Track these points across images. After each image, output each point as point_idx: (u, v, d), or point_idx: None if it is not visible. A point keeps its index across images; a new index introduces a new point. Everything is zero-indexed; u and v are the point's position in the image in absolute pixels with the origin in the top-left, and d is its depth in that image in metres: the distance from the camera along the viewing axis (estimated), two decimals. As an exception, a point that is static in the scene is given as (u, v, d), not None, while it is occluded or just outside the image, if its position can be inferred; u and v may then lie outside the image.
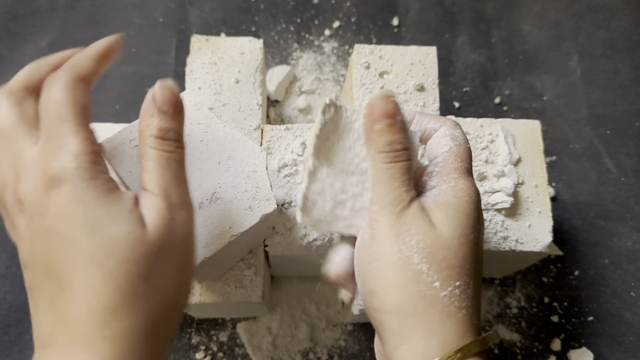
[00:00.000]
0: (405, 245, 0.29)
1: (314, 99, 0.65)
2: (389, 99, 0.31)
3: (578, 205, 0.60)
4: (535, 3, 0.71)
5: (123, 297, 0.26)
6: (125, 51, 0.65)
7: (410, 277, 0.29)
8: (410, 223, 0.30)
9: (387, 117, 0.31)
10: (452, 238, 0.30)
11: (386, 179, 0.31)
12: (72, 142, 0.27)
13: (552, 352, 0.54)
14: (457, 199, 0.31)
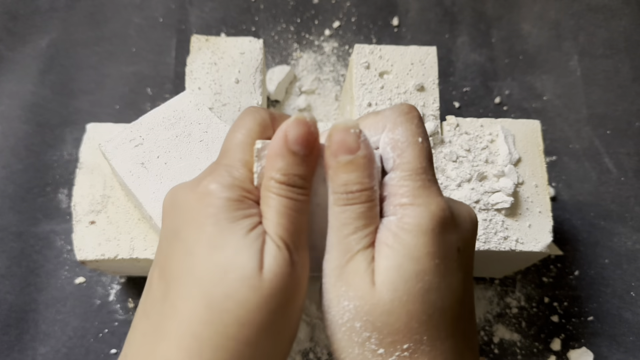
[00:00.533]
0: (345, 311, 0.26)
1: (314, 99, 0.65)
2: (349, 129, 0.27)
3: (578, 205, 0.60)
4: (535, 3, 0.71)
5: (215, 333, 0.24)
6: (125, 51, 0.65)
7: (357, 343, 0.27)
8: (349, 283, 0.27)
9: (345, 151, 0.27)
10: (393, 300, 0.26)
11: (337, 224, 0.27)
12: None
13: (552, 352, 0.54)
14: (400, 239, 0.26)
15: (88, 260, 0.43)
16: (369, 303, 0.26)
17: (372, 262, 0.27)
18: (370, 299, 0.26)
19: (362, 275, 0.26)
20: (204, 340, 0.24)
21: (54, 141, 0.60)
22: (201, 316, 0.25)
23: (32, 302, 0.53)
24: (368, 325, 0.26)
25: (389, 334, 0.26)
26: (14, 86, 0.62)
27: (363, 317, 0.26)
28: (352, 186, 0.27)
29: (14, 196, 0.57)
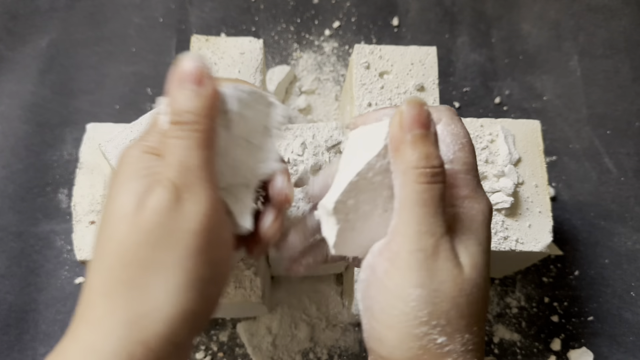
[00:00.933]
0: (428, 295, 0.26)
1: (314, 99, 0.65)
2: (422, 105, 0.26)
3: (578, 205, 0.60)
4: (535, 3, 0.71)
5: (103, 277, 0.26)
6: (125, 51, 0.65)
7: (426, 331, 0.26)
8: (438, 267, 0.26)
9: (420, 126, 0.26)
10: (477, 282, 0.27)
11: (418, 204, 0.26)
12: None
13: (552, 352, 0.54)
14: (474, 227, 0.27)
15: (88, 260, 0.43)
16: (459, 285, 0.26)
17: (454, 248, 0.27)
18: (460, 281, 0.26)
19: (452, 259, 0.26)
20: (93, 284, 0.26)
21: (54, 141, 0.60)
22: (92, 263, 0.26)
23: (32, 302, 0.53)
24: (438, 312, 0.26)
25: (458, 319, 0.26)
26: (14, 86, 0.62)
27: (438, 302, 0.26)
28: (434, 160, 0.26)
29: (14, 196, 0.57)
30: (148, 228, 0.25)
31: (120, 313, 0.25)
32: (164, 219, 0.26)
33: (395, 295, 0.26)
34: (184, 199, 0.26)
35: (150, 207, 0.26)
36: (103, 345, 0.25)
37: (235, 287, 0.43)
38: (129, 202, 0.26)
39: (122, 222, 0.26)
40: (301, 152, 0.45)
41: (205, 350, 0.53)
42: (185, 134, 0.27)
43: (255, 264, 0.43)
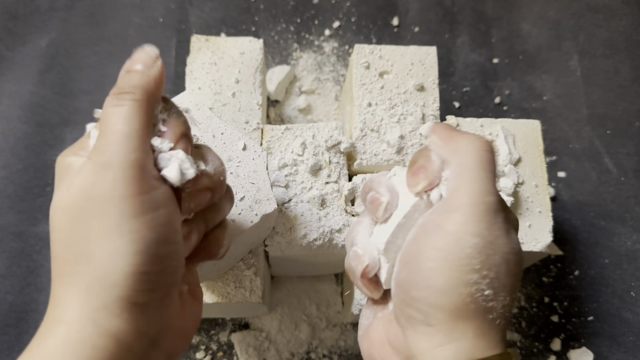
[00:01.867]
0: (484, 244, 0.28)
1: (314, 99, 0.65)
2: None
3: (578, 205, 0.60)
4: (535, 3, 0.71)
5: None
6: (125, 51, 0.65)
7: (476, 279, 0.28)
8: (495, 222, 0.29)
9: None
10: (520, 250, 0.30)
11: (482, 167, 0.29)
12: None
13: (552, 352, 0.54)
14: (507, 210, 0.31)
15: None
16: (508, 244, 0.29)
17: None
18: (510, 241, 0.29)
19: (505, 220, 0.29)
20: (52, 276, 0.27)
21: (54, 141, 0.60)
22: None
23: (32, 302, 0.53)
24: (490, 263, 0.28)
25: (505, 276, 0.28)
26: (14, 86, 0.62)
27: (492, 254, 0.28)
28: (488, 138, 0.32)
29: (14, 196, 0.57)
30: (76, 206, 0.26)
31: (74, 286, 0.26)
32: (91, 192, 0.26)
33: (453, 241, 0.28)
34: (112, 165, 0.26)
35: (75, 187, 0.26)
36: (66, 316, 0.26)
37: (235, 287, 0.43)
38: (58, 193, 0.27)
39: (55, 211, 0.27)
40: (301, 152, 0.45)
41: (205, 350, 0.53)
42: (121, 102, 0.28)
43: (255, 264, 0.43)
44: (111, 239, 0.26)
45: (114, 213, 0.26)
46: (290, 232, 0.44)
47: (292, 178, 0.45)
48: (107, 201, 0.26)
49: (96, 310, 0.25)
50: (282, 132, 0.47)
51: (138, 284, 0.26)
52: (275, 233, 0.44)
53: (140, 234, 0.26)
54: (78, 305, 0.26)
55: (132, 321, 0.26)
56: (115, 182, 0.26)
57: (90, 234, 0.26)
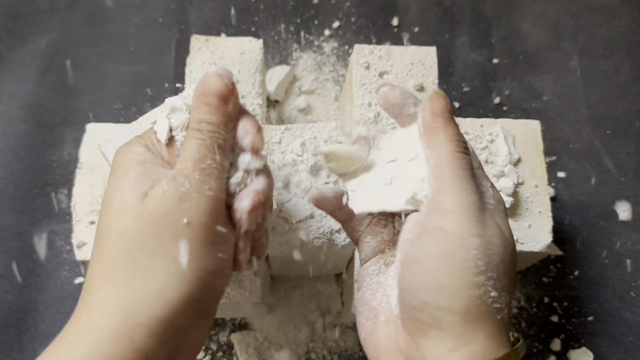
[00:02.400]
0: (485, 245, 0.28)
1: (314, 99, 0.65)
2: (445, 97, 0.32)
3: (578, 205, 0.60)
4: (535, 3, 0.71)
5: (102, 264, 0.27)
6: (125, 51, 0.65)
7: (483, 281, 0.28)
8: (489, 222, 0.29)
9: (448, 112, 0.31)
10: (514, 248, 0.30)
11: (459, 168, 0.29)
12: None
13: (552, 352, 0.54)
14: (502, 205, 0.31)
15: (88, 260, 0.43)
16: (505, 241, 0.29)
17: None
18: (503, 238, 0.29)
19: (494, 217, 0.30)
20: (94, 272, 0.27)
21: (53, 141, 0.60)
22: (93, 254, 0.28)
23: (32, 302, 0.53)
24: (491, 264, 0.28)
25: (504, 277, 0.29)
26: (14, 86, 0.62)
27: (498, 254, 0.28)
28: (462, 136, 0.31)
29: (14, 196, 0.57)
30: (151, 217, 0.27)
31: (121, 296, 0.26)
32: (170, 209, 0.27)
33: (457, 244, 0.28)
34: (191, 192, 0.28)
35: (155, 197, 0.27)
36: (102, 326, 0.26)
37: (235, 287, 0.43)
38: (130, 194, 0.27)
39: (123, 213, 0.27)
40: (301, 152, 0.45)
41: (205, 350, 0.53)
42: (204, 135, 0.29)
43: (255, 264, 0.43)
44: (176, 260, 0.27)
45: (188, 237, 0.27)
46: (290, 232, 0.44)
47: (292, 178, 0.45)
48: (184, 224, 0.27)
49: (137, 326, 0.26)
50: (282, 132, 0.47)
51: (187, 309, 0.27)
52: (275, 233, 0.44)
53: (204, 262, 0.27)
54: (119, 316, 0.26)
55: (166, 342, 0.26)
56: (197, 209, 0.27)
57: (157, 249, 0.27)
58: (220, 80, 0.31)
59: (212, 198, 0.28)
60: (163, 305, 0.26)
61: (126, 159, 0.29)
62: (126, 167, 0.29)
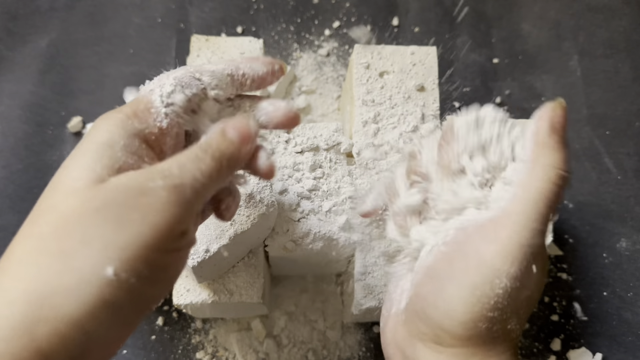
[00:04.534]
0: (514, 288, 0.27)
1: (314, 99, 0.65)
2: (564, 110, 0.29)
3: (578, 205, 0.60)
4: (535, 3, 0.71)
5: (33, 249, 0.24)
6: (125, 51, 0.65)
7: (497, 317, 0.27)
8: (531, 267, 0.27)
9: (564, 132, 0.28)
10: (544, 283, 0.29)
11: (544, 202, 0.27)
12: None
13: (552, 352, 0.54)
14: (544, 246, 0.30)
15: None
16: (537, 288, 0.28)
17: None
18: (538, 284, 0.28)
19: (542, 261, 0.28)
20: (14, 250, 0.24)
21: (54, 141, 0.60)
22: (22, 230, 0.25)
23: (32, 302, 0.53)
24: (513, 306, 0.27)
25: (523, 317, 0.29)
26: (14, 86, 0.62)
27: (519, 299, 0.28)
28: (566, 166, 0.28)
29: (14, 196, 0.57)
30: (101, 204, 0.24)
31: (33, 283, 0.23)
32: (126, 199, 0.24)
33: (487, 278, 0.27)
34: (158, 191, 0.25)
35: (114, 184, 0.25)
36: (1, 316, 0.22)
37: (235, 287, 0.43)
38: (86, 175, 0.25)
39: (72, 195, 0.24)
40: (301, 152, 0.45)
41: (205, 350, 0.53)
42: (206, 160, 0.27)
43: (255, 264, 0.43)
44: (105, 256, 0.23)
45: (133, 233, 0.24)
46: (290, 232, 0.44)
47: (292, 178, 0.45)
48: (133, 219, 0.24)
49: (41, 322, 0.22)
50: (282, 132, 0.47)
51: (103, 315, 0.23)
52: (275, 233, 0.44)
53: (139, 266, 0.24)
54: (24, 307, 0.22)
55: (70, 344, 0.22)
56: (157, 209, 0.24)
57: (94, 239, 0.23)
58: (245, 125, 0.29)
59: (182, 204, 0.25)
60: (76, 304, 0.22)
61: (95, 135, 0.26)
62: (90, 144, 0.26)
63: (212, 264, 0.39)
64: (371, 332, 0.54)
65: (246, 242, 0.41)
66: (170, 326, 0.54)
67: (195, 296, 0.42)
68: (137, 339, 0.53)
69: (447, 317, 0.28)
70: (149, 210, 0.24)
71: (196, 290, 0.43)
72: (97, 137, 0.26)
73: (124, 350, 0.52)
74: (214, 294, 0.42)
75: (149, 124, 0.28)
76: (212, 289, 0.43)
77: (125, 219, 0.24)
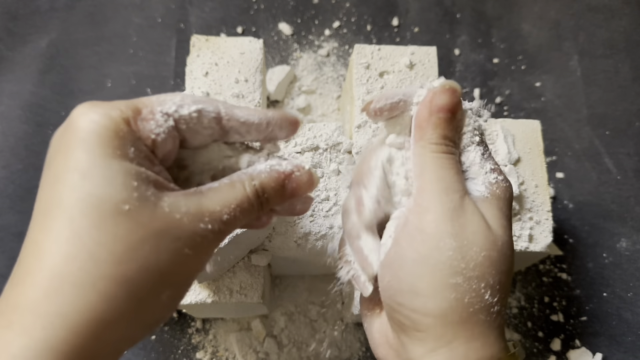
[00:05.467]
0: (462, 245, 0.27)
1: (314, 99, 0.65)
2: (455, 92, 0.30)
3: (578, 205, 0.60)
4: (535, 3, 0.71)
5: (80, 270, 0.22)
6: (125, 51, 0.65)
7: (461, 282, 0.27)
8: (468, 221, 0.28)
9: (445, 111, 0.30)
10: (508, 242, 0.28)
11: (438, 166, 0.29)
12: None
13: (552, 352, 0.54)
14: (501, 196, 0.30)
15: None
16: (489, 240, 0.28)
17: (477, 206, 0.29)
18: (489, 236, 0.28)
19: (479, 215, 0.28)
20: (65, 277, 0.22)
21: (54, 141, 0.60)
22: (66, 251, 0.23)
23: (32, 302, 0.53)
24: (485, 261, 0.27)
25: (497, 273, 0.28)
26: (14, 86, 0.62)
27: (481, 252, 0.27)
28: (449, 141, 0.30)
29: (14, 196, 0.57)
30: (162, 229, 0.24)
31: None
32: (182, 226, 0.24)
33: (432, 246, 0.27)
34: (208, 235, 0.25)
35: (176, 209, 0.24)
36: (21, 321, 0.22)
37: (236, 287, 0.43)
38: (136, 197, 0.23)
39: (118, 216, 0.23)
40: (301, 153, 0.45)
41: (205, 350, 0.53)
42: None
43: (255, 264, 0.43)
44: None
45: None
46: (290, 232, 0.44)
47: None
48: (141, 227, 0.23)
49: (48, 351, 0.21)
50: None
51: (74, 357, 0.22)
52: (275, 233, 0.44)
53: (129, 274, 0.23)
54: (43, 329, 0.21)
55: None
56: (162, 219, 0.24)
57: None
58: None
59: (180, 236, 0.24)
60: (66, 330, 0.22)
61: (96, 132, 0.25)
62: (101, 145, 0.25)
63: (212, 264, 0.39)
64: (371, 332, 0.54)
65: (246, 242, 0.41)
66: (170, 326, 0.54)
67: (195, 296, 0.43)
68: (137, 339, 0.53)
69: (415, 296, 0.28)
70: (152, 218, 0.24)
71: (196, 290, 0.43)
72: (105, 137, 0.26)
73: (124, 350, 0.52)
74: (214, 294, 0.42)
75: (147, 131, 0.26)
76: (212, 289, 0.43)
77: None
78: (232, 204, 0.27)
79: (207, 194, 0.26)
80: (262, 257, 0.43)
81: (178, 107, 0.27)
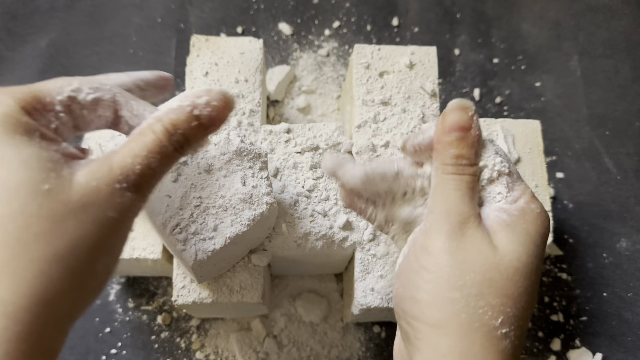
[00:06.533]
0: (461, 263, 0.28)
1: (314, 99, 0.65)
2: (465, 110, 0.30)
3: (578, 205, 0.60)
4: (535, 3, 0.71)
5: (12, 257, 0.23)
6: (125, 51, 0.65)
7: (458, 298, 0.28)
8: (468, 242, 0.29)
9: (458, 129, 0.30)
10: (516, 267, 0.28)
11: (448, 189, 0.30)
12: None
13: (552, 352, 0.54)
14: (526, 224, 0.30)
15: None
16: (491, 262, 0.28)
17: (486, 230, 0.29)
18: (492, 258, 0.28)
19: (482, 237, 0.29)
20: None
21: (54, 141, 0.60)
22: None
23: (32, 302, 0.53)
24: (484, 282, 0.28)
25: (500, 295, 0.28)
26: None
27: (481, 273, 0.28)
28: (463, 160, 0.30)
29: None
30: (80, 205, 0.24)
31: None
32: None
33: (432, 262, 0.29)
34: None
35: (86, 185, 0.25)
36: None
37: (236, 287, 0.43)
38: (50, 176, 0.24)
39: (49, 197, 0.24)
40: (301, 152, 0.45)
41: (205, 350, 0.53)
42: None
43: (255, 264, 0.43)
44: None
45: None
46: (290, 232, 0.44)
47: (292, 178, 0.45)
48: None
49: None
50: (282, 132, 0.47)
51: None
52: (274, 233, 0.44)
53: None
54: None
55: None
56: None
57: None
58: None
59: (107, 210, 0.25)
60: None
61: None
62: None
63: (212, 264, 0.39)
64: (371, 332, 0.54)
65: (246, 242, 0.41)
66: (170, 326, 0.54)
67: (195, 296, 0.43)
68: (137, 339, 0.53)
69: (414, 302, 0.29)
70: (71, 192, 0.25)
71: (196, 290, 0.43)
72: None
73: (123, 350, 0.52)
74: (214, 293, 0.42)
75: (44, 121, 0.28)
76: (212, 289, 0.43)
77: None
78: (143, 151, 0.27)
79: (118, 151, 0.27)
80: (262, 257, 0.43)
81: (76, 93, 0.30)
